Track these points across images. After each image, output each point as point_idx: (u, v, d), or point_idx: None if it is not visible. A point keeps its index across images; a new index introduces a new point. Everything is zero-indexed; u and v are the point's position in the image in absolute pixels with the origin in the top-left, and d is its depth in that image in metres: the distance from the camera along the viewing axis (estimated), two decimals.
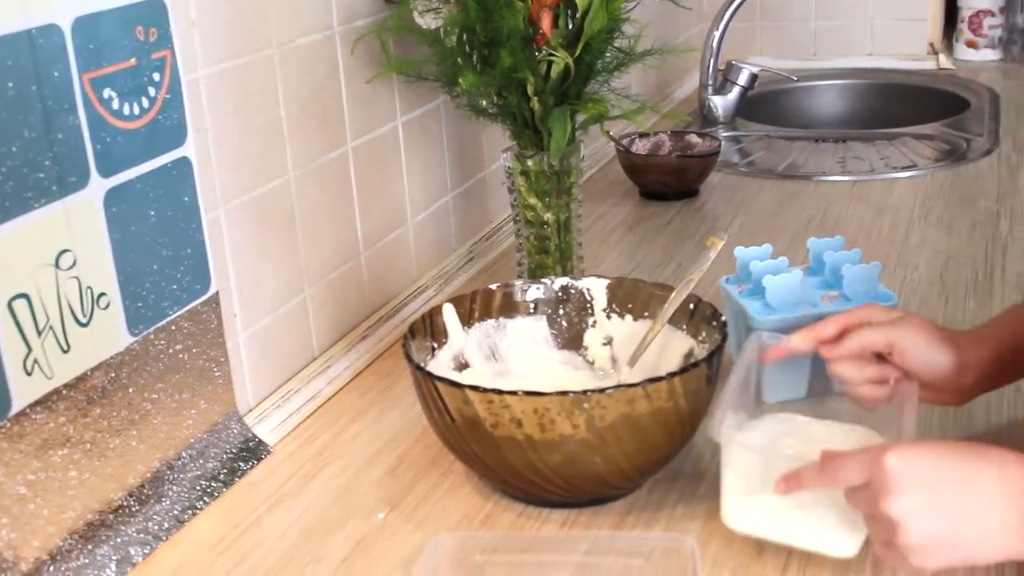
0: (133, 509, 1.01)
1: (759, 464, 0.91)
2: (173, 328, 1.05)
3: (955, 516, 0.81)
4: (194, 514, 1.04)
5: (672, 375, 0.94)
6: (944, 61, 2.57)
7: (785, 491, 0.88)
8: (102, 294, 0.96)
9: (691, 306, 1.10)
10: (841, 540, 0.90)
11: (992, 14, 2.60)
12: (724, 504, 0.94)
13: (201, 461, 1.08)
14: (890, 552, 0.84)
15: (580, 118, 1.32)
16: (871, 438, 0.98)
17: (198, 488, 1.06)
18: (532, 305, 1.16)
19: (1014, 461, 0.82)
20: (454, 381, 0.97)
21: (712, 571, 0.93)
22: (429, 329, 1.10)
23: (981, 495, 0.81)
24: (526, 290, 1.16)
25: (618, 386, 0.93)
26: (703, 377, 0.98)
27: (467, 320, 1.13)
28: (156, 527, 1.01)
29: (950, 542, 0.82)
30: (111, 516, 0.98)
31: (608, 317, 1.16)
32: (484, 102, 1.34)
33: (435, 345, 1.10)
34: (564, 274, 1.33)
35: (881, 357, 1.02)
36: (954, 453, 0.83)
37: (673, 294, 1.10)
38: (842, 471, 0.85)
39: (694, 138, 1.88)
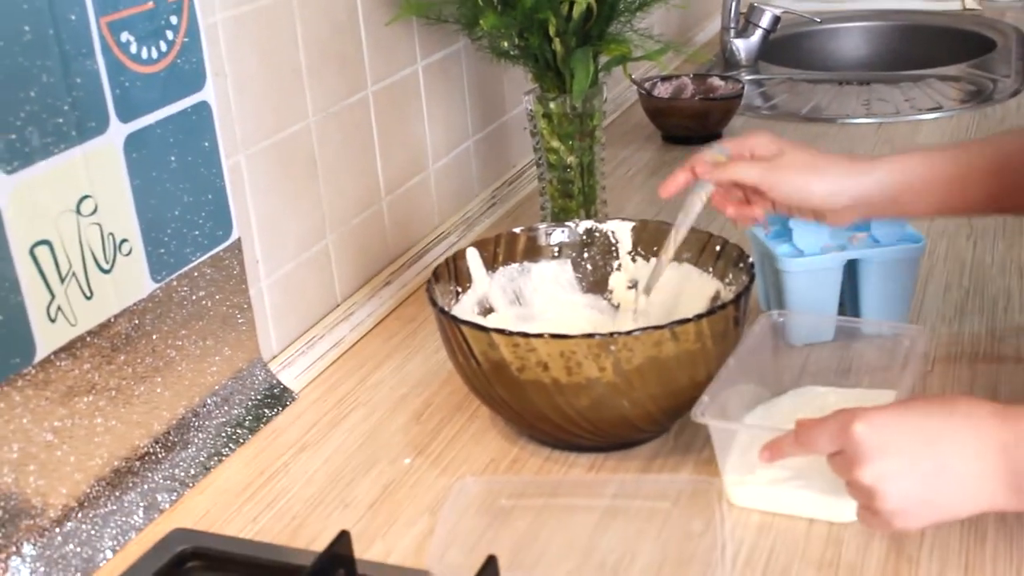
0: (159, 456, 1.01)
1: (758, 440, 0.90)
2: (196, 274, 1.04)
3: (931, 475, 0.80)
4: (220, 461, 1.04)
5: (699, 317, 0.93)
6: (970, 1, 2.53)
7: (769, 459, 0.88)
8: (124, 240, 0.96)
9: (717, 248, 1.09)
10: (840, 506, 0.89)
11: None
12: (726, 483, 0.93)
13: (226, 408, 1.08)
14: (873, 517, 0.83)
15: (603, 59, 1.31)
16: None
17: (223, 435, 1.06)
18: (556, 249, 1.15)
19: (987, 415, 0.81)
20: (480, 324, 0.96)
21: (739, 515, 0.92)
22: (453, 273, 1.09)
23: (954, 451, 0.80)
24: (550, 233, 1.15)
25: (645, 328, 0.92)
26: (730, 319, 0.97)
27: (491, 264, 1.12)
28: (182, 473, 1.01)
29: (929, 501, 0.81)
30: (137, 463, 0.98)
31: (633, 260, 1.15)
32: (505, 44, 1.32)
33: (459, 289, 1.10)
34: (588, 218, 1.31)
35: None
36: (922, 413, 0.82)
37: (686, 200, 1.07)
38: (814, 440, 0.84)
39: (716, 81, 1.86)
